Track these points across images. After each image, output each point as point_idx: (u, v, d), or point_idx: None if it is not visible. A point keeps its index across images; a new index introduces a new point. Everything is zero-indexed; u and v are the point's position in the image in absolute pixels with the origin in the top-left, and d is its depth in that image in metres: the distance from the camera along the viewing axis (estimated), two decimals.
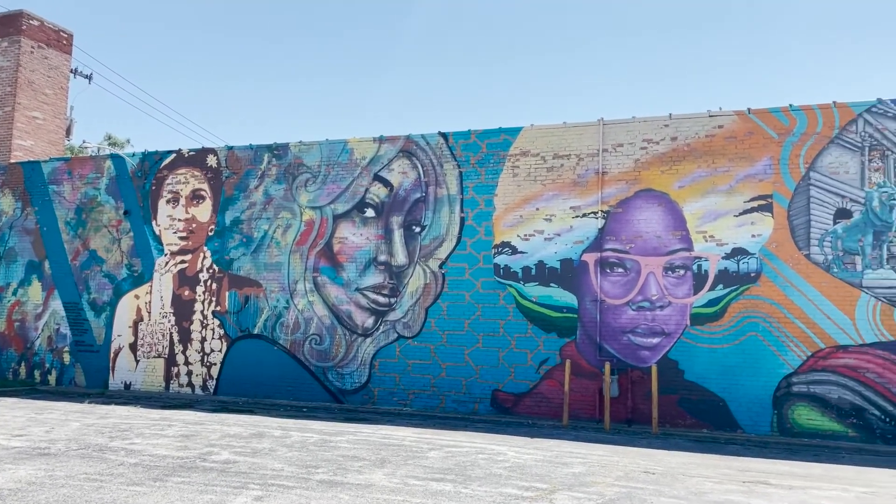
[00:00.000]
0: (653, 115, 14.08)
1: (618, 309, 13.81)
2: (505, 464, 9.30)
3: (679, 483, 8.44)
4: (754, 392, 12.75)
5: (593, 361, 13.81)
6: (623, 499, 7.53)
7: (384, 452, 9.89)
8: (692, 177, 13.61)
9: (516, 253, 14.65)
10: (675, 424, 13.13)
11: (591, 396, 13.75)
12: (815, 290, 12.62)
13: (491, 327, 14.65)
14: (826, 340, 12.46)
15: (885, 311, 12.20)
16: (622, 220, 14.01)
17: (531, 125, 14.90)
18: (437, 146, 15.50)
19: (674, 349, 13.34)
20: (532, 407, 14.18)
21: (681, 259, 13.52)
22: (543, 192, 14.63)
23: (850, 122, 12.72)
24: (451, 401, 14.76)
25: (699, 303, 13.30)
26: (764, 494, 7.99)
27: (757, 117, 13.32)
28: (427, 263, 15.25)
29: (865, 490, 8.43)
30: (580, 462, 9.61)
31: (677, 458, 10.22)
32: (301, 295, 16.18)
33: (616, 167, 14.17)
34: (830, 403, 12.32)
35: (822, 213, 12.74)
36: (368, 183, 15.91)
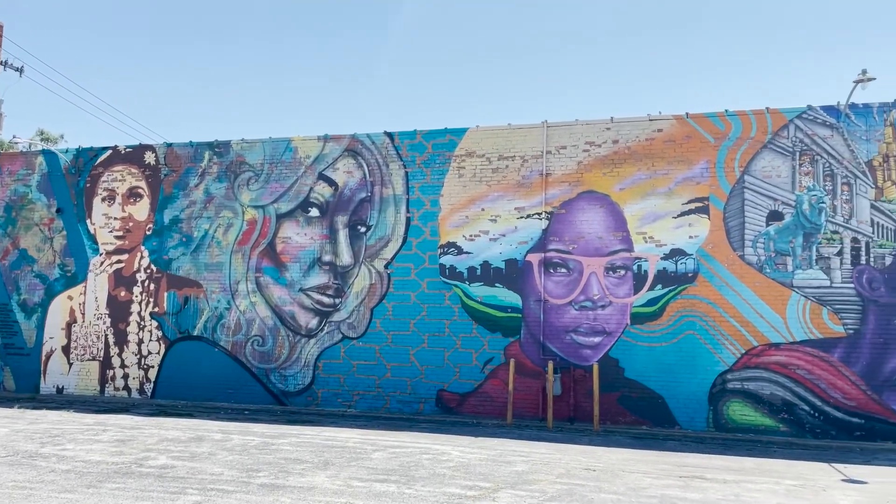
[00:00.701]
0: (595, 119, 14.34)
1: (561, 308, 14.01)
2: (449, 463, 9.32)
3: (619, 479, 8.61)
4: (691, 389, 13.11)
5: (537, 360, 13.98)
6: (564, 496, 7.64)
7: (328, 454, 9.79)
8: (632, 179, 13.90)
9: (462, 253, 14.71)
10: (616, 421, 13.40)
11: (534, 395, 13.91)
12: (748, 289, 13.05)
13: (436, 327, 14.66)
14: (759, 338, 12.90)
15: (814, 309, 12.70)
16: (565, 221, 14.21)
17: (476, 126, 14.99)
18: (382, 146, 15.43)
19: (614, 348, 13.60)
20: (477, 406, 14.26)
21: (621, 259, 13.80)
22: (489, 193, 14.72)
23: (783, 128, 13.20)
24: (397, 401, 14.72)
25: (639, 302, 13.59)
26: (700, 488, 8.22)
27: (694, 122, 13.70)
28: (372, 263, 15.17)
29: (795, 483, 8.76)
30: (523, 460, 9.71)
31: (618, 455, 10.43)
32: (243, 295, 15.88)
33: (559, 169, 14.36)
34: (763, 399, 12.76)
35: (756, 215, 13.18)
36: (313, 182, 15.73)
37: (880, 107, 12.77)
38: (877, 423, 12.19)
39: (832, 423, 12.37)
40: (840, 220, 12.73)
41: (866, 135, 12.76)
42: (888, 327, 12.29)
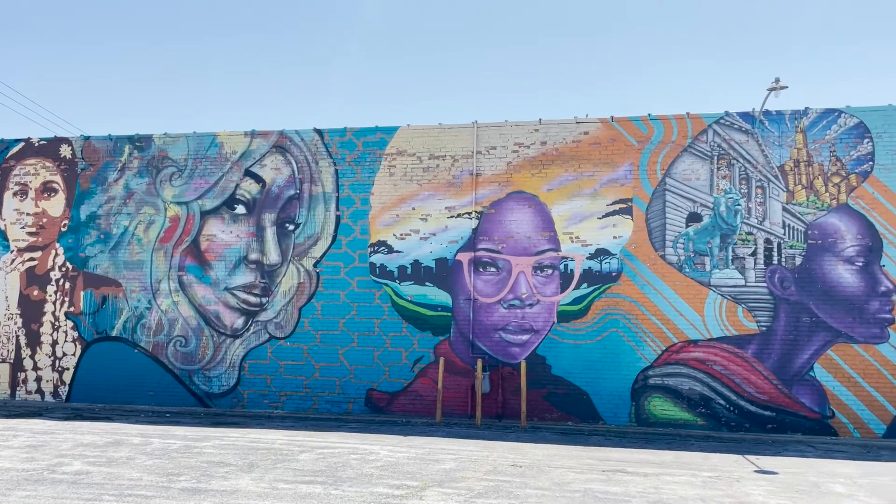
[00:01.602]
0: (524, 120, 14.54)
1: (490, 307, 14.15)
2: (377, 463, 9.29)
3: (544, 475, 8.77)
4: (614, 385, 13.47)
5: (466, 359, 14.08)
6: (491, 492, 7.72)
7: (252, 457, 9.60)
8: (560, 180, 14.17)
9: (392, 252, 14.67)
10: (543, 418, 13.64)
11: (463, 393, 14.01)
12: (669, 288, 13.51)
13: (366, 326, 14.58)
14: (678, 335, 13.36)
15: (730, 307, 13.25)
16: (495, 220, 14.37)
17: (407, 125, 14.97)
18: (311, 142, 15.23)
19: (542, 345, 13.84)
20: (406, 405, 14.25)
21: (549, 259, 14.05)
22: (419, 192, 14.73)
23: (702, 133, 13.72)
24: (325, 402, 14.56)
25: (565, 301, 13.88)
26: (621, 482, 8.46)
27: (619, 125, 14.08)
28: (301, 262, 14.95)
29: (711, 475, 9.12)
30: (451, 458, 9.76)
31: (544, 451, 10.61)
32: (165, 295, 15.39)
33: (489, 169, 14.51)
34: (682, 394, 13.23)
35: (676, 216, 13.65)
36: (239, 178, 15.38)
37: (792, 114, 13.42)
38: (787, 416, 12.81)
39: (746, 416, 12.94)
40: (754, 221, 13.32)
41: (779, 140, 13.39)
42: (798, 324, 12.94)
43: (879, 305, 12.64)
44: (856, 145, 13.05)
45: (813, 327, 12.86)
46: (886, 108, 13.03)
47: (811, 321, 12.86)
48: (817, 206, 13.08)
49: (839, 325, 12.73)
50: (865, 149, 13.00)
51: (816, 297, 12.88)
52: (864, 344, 12.65)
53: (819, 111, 13.29)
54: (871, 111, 13.07)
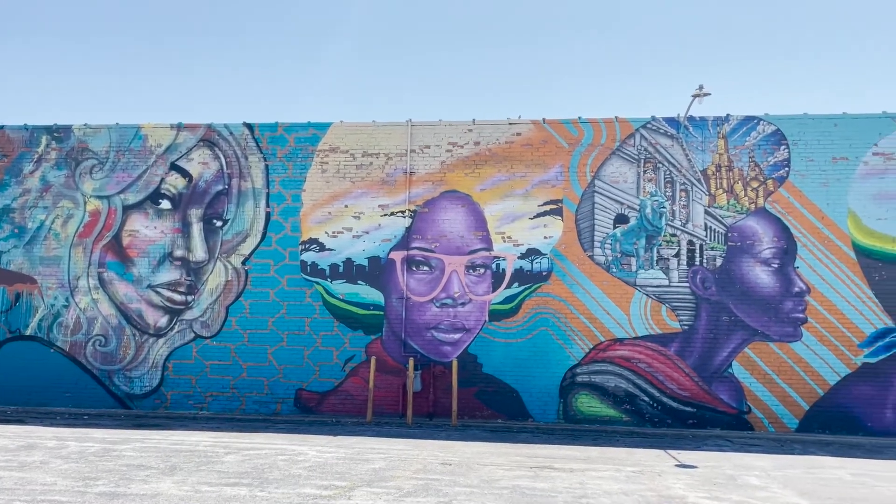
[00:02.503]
0: (458, 120, 14.60)
1: (423, 306, 14.15)
2: (305, 464, 9.15)
3: (473, 472, 8.83)
4: (543, 383, 13.69)
5: (398, 358, 14.04)
6: (420, 491, 7.72)
7: (175, 459, 9.31)
8: (493, 180, 14.29)
9: (324, 250, 14.49)
10: (474, 416, 13.74)
11: (395, 392, 13.96)
12: (597, 288, 13.81)
13: (296, 325, 14.36)
14: (605, 334, 13.68)
15: (654, 307, 13.64)
16: (428, 219, 14.38)
17: (341, 122, 14.82)
18: (241, 137, 14.89)
19: (473, 344, 13.94)
20: (337, 405, 14.11)
21: (481, 258, 14.16)
22: (352, 190, 14.60)
23: (629, 136, 14.07)
24: (253, 402, 14.26)
25: (497, 300, 14.01)
26: (548, 478, 8.60)
27: (550, 127, 14.31)
28: (229, 259, 14.60)
29: (634, 469, 9.37)
30: (381, 457, 9.71)
31: (473, 449, 10.68)
32: (84, 292, 14.76)
33: (423, 168, 14.50)
34: (608, 391, 13.55)
35: (605, 217, 13.97)
36: (164, 172, 14.90)
37: (714, 120, 13.93)
38: (707, 411, 13.29)
39: (668, 412, 13.35)
40: (678, 223, 13.76)
41: (702, 146, 13.88)
42: (718, 323, 13.43)
43: (793, 305, 13.26)
44: (773, 152, 13.65)
45: (732, 326, 13.38)
46: (802, 117, 13.67)
47: (730, 320, 13.38)
48: (737, 209, 13.62)
49: (756, 324, 13.29)
50: (782, 155, 13.61)
51: (735, 297, 13.41)
52: (778, 342, 13.24)
53: (739, 118, 13.84)
54: (788, 119, 13.69)
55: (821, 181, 13.42)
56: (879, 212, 13.23)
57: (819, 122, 13.59)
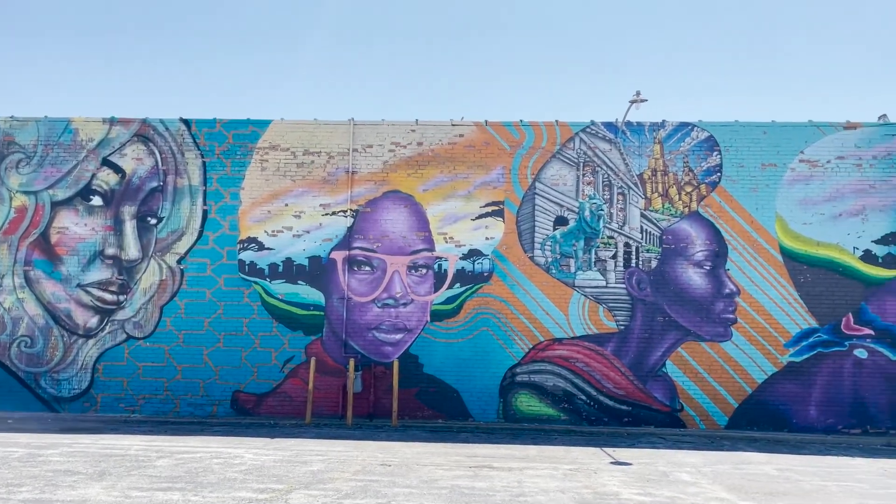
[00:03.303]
0: (401, 120, 14.58)
1: (364, 306, 14.07)
2: (241, 467, 8.98)
3: (413, 473, 8.82)
4: (484, 383, 13.79)
5: (339, 358, 13.93)
6: (359, 493, 7.67)
7: (105, 464, 9.00)
8: (435, 181, 14.32)
9: (263, 249, 14.25)
10: (414, 416, 13.73)
11: (335, 393, 13.84)
12: (537, 288, 13.99)
13: (234, 326, 14.08)
14: (545, 334, 13.87)
15: (592, 307, 13.91)
16: (370, 219, 14.30)
17: (281, 119, 14.60)
18: (177, 133, 14.51)
19: (415, 344, 13.93)
20: (275, 407, 13.90)
21: (423, 259, 14.17)
22: (293, 188, 14.41)
23: (569, 140, 14.31)
24: (187, 404, 13.91)
25: (439, 300, 14.04)
26: (487, 477, 8.66)
27: (493, 129, 14.42)
28: (164, 258, 14.21)
29: (571, 467, 9.53)
30: (320, 459, 9.61)
31: (413, 449, 10.68)
32: (8, 291, 14.13)
33: (366, 167, 14.42)
34: (547, 390, 13.75)
35: (545, 219, 14.17)
36: (96, 168, 14.40)
37: (651, 126, 14.29)
38: (642, 409, 13.62)
39: (605, 410, 13.63)
40: (615, 226, 14.06)
41: (639, 150, 14.22)
42: (652, 324, 13.79)
43: (724, 306, 13.72)
44: (706, 157, 14.09)
45: (666, 326, 13.75)
46: (733, 125, 14.15)
47: (664, 320, 13.75)
48: (671, 212, 14.01)
49: (689, 324, 13.70)
50: (714, 161, 14.06)
51: (669, 298, 13.79)
52: (710, 342, 13.67)
53: (675, 124, 14.23)
54: (720, 126, 14.16)
55: (750, 186, 13.93)
56: (805, 217, 13.80)
57: (749, 129, 14.09)
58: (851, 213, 13.72)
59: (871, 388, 13.30)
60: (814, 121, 14.05)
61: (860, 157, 13.83)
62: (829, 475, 9.43)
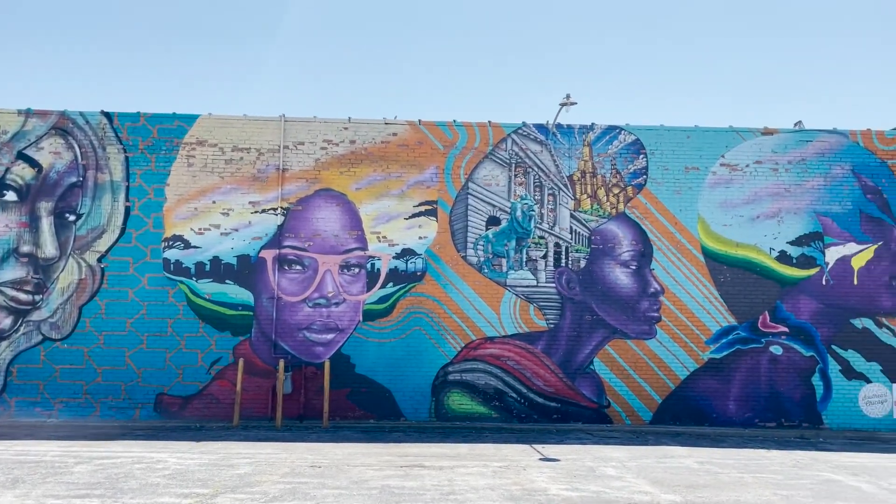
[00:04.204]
0: (333, 118, 14.43)
1: (295, 306, 13.87)
2: (164, 472, 8.72)
3: (343, 474, 8.75)
4: (416, 382, 13.79)
5: (268, 359, 13.68)
6: (287, 495, 7.56)
7: (18, 471, 8.58)
8: (368, 180, 14.24)
9: (189, 247, 13.86)
10: (346, 417, 13.62)
11: (264, 395, 13.58)
12: (469, 288, 14.09)
13: (158, 327, 13.64)
14: (477, 332, 13.99)
15: (523, 306, 14.10)
16: (302, 217, 14.10)
17: (209, 114, 14.23)
18: (98, 126, 13.96)
19: (346, 344, 13.82)
20: (202, 409, 13.54)
21: (356, 258, 14.06)
22: (221, 185, 14.07)
23: (502, 141, 14.47)
24: (108, 408, 13.41)
25: (371, 300, 13.97)
26: (418, 476, 8.68)
27: (426, 129, 14.44)
28: (83, 256, 13.64)
29: (501, 464, 9.64)
30: (247, 462, 9.42)
31: (344, 450, 10.59)
32: None
33: (297, 165, 14.21)
34: (479, 389, 13.86)
35: (478, 219, 14.28)
36: (10, 161, 13.70)
37: (580, 128, 14.59)
38: (570, 406, 13.90)
39: (535, 407, 13.85)
40: (546, 226, 14.29)
41: (569, 152, 14.50)
42: (581, 322, 14.08)
43: (649, 305, 14.13)
44: (633, 160, 14.48)
45: (594, 324, 14.06)
46: (658, 129, 14.59)
47: (592, 319, 14.07)
48: (599, 213, 14.34)
49: (615, 323, 14.05)
50: (641, 163, 14.47)
51: (597, 297, 14.11)
52: (635, 339, 14.06)
53: (603, 127, 14.57)
54: (646, 130, 14.57)
55: (674, 189, 14.39)
56: (725, 218, 14.36)
57: (674, 133, 14.57)
58: (768, 215, 14.35)
59: (786, 383, 13.95)
60: (734, 126, 14.64)
61: (776, 161, 14.49)
62: (746, 467, 9.85)
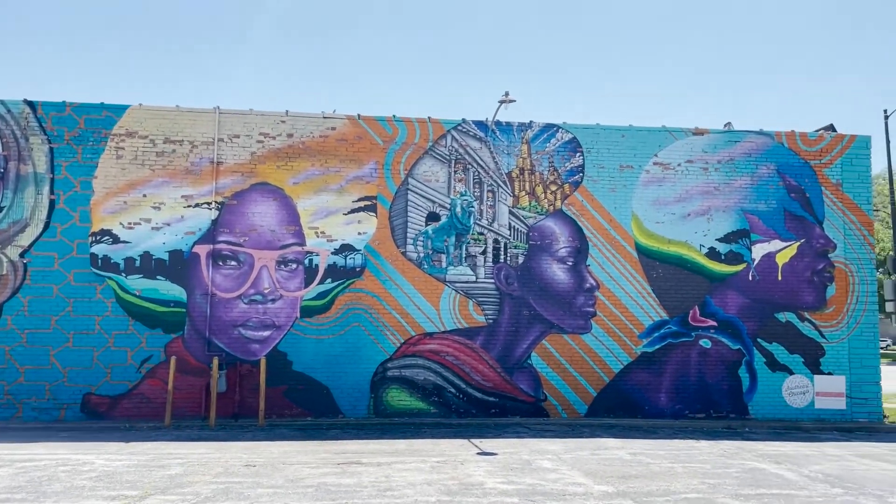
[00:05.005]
0: (270, 111, 14.18)
1: (229, 303, 13.58)
2: (91, 474, 8.41)
3: (278, 472, 8.62)
4: (355, 378, 13.70)
5: (202, 357, 13.35)
6: (220, 495, 7.39)
7: None
8: (306, 174, 14.05)
9: (118, 242, 13.40)
10: (282, 415, 13.42)
11: (197, 393, 13.25)
12: (409, 283, 14.07)
13: (85, 324, 13.15)
14: (416, 328, 13.98)
15: (462, 302, 14.17)
16: (237, 212, 13.81)
17: (140, 105, 13.79)
18: (21, 116, 13.34)
19: (283, 341, 13.61)
20: (132, 409, 13.12)
21: (293, 253, 13.86)
22: (152, 178, 13.64)
23: (441, 137, 14.48)
24: (31, 409, 12.85)
25: (309, 296, 13.79)
26: (355, 473, 8.62)
27: (365, 123, 14.34)
28: (4, 251, 13.03)
29: (439, 459, 9.67)
30: (179, 463, 9.18)
31: (280, 448, 10.43)
32: None
33: (232, 158, 13.90)
34: (418, 384, 13.86)
35: (417, 215, 14.27)
36: None
37: (519, 126, 14.73)
38: (508, 400, 14.04)
39: (473, 402, 13.93)
40: (485, 223, 14.39)
41: (507, 150, 14.63)
42: (519, 317, 14.24)
43: (584, 300, 14.40)
44: (570, 158, 14.72)
45: (531, 319, 14.24)
46: (594, 127, 14.86)
47: (530, 314, 14.24)
48: (537, 210, 14.52)
49: (552, 318, 14.27)
50: (577, 161, 14.72)
51: (535, 293, 14.30)
52: (571, 334, 14.31)
53: (541, 125, 14.75)
54: (583, 129, 14.83)
55: (609, 187, 14.69)
56: (658, 216, 14.74)
57: (609, 132, 14.87)
58: (698, 213, 14.81)
59: (714, 376, 14.44)
60: (667, 126, 15.04)
61: (707, 161, 14.95)
62: (677, 458, 10.15)
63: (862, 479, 8.91)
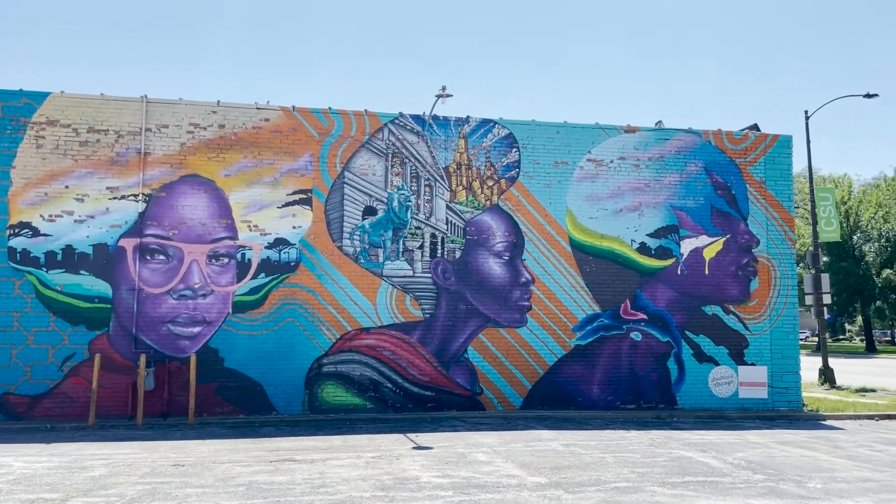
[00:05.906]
0: (200, 101, 13.79)
1: (158, 298, 13.15)
2: (8, 477, 8.02)
3: (208, 471, 8.41)
4: (289, 375, 13.48)
5: (128, 354, 12.90)
6: (146, 496, 7.16)
7: None
8: (239, 166, 13.72)
9: (38, 235, 12.81)
10: (214, 413, 13.10)
11: (123, 392, 12.80)
12: (345, 278, 13.92)
13: (2, 321, 12.54)
14: (352, 323, 13.85)
15: (399, 297, 14.11)
16: (166, 204, 13.39)
17: (62, 92, 13.20)
18: None
19: (215, 337, 13.28)
20: (53, 409, 12.58)
21: (225, 247, 13.53)
22: (75, 169, 13.09)
23: (378, 130, 14.37)
24: None
25: (242, 291, 13.49)
26: (288, 471, 8.48)
27: (300, 115, 14.10)
28: None
29: (374, 455, 9.61)
30: (103, 464, 8.85)
31: (211, 447, 10.18)
32: None
33: (160, 149, 13.46)
34: (354, 380, 13.75)
35: (354, 209, 14.13)
36: None
37: (456, 121, 14.75)
38: (445, 394, 14.08)
39: (410, 397, 13.91)
40: (422, 217, 14.37)
41: (445, 144, 14.63)
42: (456, 312, 14.28)
43: (520, 294, 14.56)
44: (506, 153, 14.83)
45: (468, 314, 14.31)
46: (530, 123, 15.02)
47: (467, 308, 14.31)
48: (474, 205, 14.59)
49: (489, 312, 14.37)
50: (513, 157, 14.85)
51: (472, 287, 14.37)
52: (507, 328, 14.44)
53: (478, 120, 14.82)
54: (519, 124, 14.96)
55: (545, 182, 14.88)
56: (591, 211, 15.02)
57: (545, 128, 15.04)
58: (630, 209, 15.15)
59: (644, 367, 14.82)
60: (600, 123, 15.32)
61: (638, 158, 15.31)
62: (608, 448, 10.38)
63: (782, 465, 9.30)
